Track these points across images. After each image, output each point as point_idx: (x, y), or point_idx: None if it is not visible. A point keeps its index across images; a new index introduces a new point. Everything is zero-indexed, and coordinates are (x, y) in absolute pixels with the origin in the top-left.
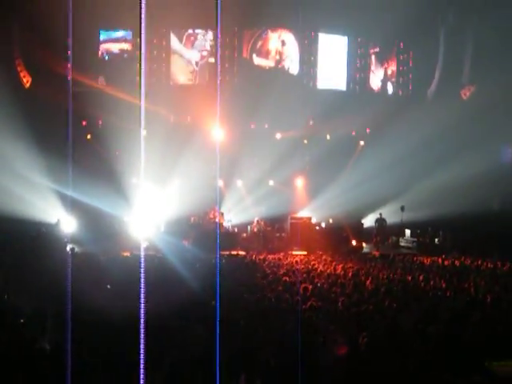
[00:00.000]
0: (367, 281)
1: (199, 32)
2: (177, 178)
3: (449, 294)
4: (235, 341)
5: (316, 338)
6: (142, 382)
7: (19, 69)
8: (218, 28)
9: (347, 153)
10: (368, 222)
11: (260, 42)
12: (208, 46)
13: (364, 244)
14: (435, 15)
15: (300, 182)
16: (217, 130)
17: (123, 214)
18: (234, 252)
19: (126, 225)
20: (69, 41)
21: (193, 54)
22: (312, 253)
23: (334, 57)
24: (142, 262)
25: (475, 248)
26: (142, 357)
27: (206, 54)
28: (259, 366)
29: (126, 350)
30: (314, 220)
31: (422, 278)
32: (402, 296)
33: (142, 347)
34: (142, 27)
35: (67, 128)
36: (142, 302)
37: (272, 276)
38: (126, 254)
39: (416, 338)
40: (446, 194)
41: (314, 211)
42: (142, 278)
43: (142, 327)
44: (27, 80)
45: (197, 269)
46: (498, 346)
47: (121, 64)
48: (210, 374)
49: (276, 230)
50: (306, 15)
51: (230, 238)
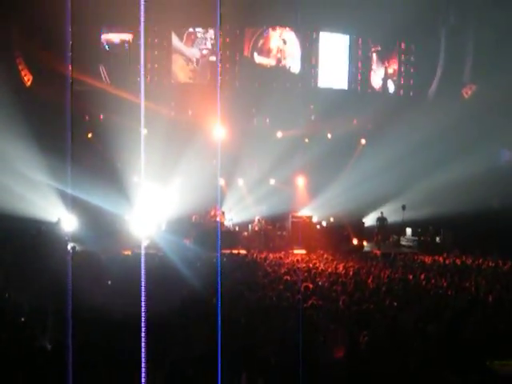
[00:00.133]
0: (368, 280)
1: (199, 31)
2: (178, 177)
3: (450, 292)
4: (236, 339)
5: (317, 336)
6: (143, 381)
7: (20, 67)
8: (217, 25)
9: (348, 151)
10: (369, 220)
11: (261, 41)
12: (209, 45)
13: (365, 243)
14: (436, 15)
15: (301, 181)
16: (218, 129)
17: (124, 213)
18: (235, 251)
19: (127, 223)
20: (69, 41)
21: (193, 52)
22: (313, 251)
23: (335, 55)
24: (143, 260)
25: (476, 247)
26: (143, 355)
27: (206, 52)
28: (260, 364)
29: (127, 348)
30: (315, 219)
31: (423, 276)
32: (403, 295)
33: (143, 345)
34: (141, 27)
35: (68, 126)
36: (143, 301)
37: (273, 275)
38: (126, 253)
39: (417, 336)
40: (447, 192)
41: (315, 210)
42: (143, 276)
43: (143, 325)
44: (28, 78)
45: (198, 267)
46: (499, 345)
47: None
48: (211, 372)
49: (277, 229)
50: (307, 14)
51: (231, 236)
